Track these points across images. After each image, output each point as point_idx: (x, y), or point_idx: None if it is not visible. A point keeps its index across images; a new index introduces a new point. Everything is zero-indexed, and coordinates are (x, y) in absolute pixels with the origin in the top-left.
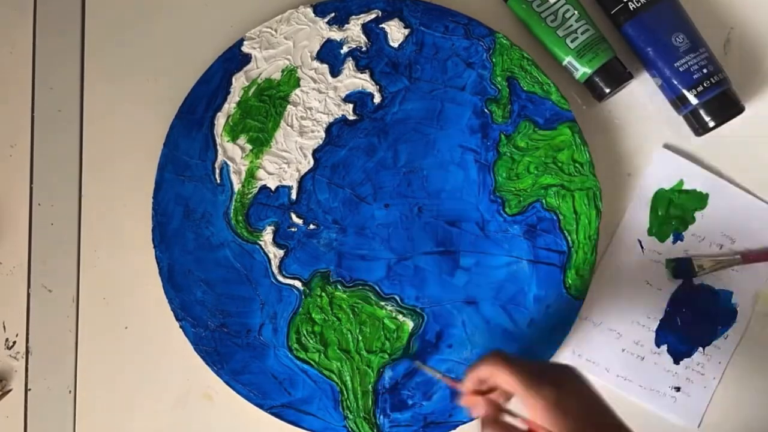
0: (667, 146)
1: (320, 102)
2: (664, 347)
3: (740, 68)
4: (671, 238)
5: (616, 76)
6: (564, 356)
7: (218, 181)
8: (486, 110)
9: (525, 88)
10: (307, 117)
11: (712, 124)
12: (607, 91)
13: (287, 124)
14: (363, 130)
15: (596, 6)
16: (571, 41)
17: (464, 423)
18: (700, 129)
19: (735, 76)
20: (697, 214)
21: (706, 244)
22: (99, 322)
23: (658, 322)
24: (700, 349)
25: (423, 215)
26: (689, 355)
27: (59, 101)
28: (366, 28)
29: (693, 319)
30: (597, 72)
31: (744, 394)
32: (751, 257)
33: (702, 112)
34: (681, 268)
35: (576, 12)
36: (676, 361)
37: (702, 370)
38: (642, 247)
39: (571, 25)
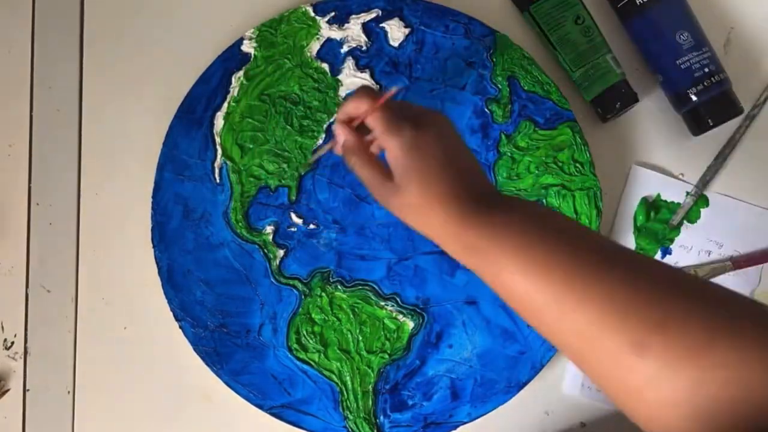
0: (638, 163)
1: (320, 101)
2: None
3: (740, 68)
4: (659, 253)
5: (621, 99)
6: (574, 388)
7: (218, 181)
8: (486, 110)
9: (525, 88)
10: (307, 116)
11: (711, 123)
12: (612, 114)
13: (287, 124)
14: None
15: (603, 0)
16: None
17: (464, 423)
18: (698, 128)
19: (734, 77)
20: (682, 225)
21: (695, 253)
22: (98, 323)
23: None
24: None
25: None
26: None
27: (58, 100)
28: (366, 27)
29: None
30: (602, 94)
31: None
32: (741, 263)
33: (701, 111)
34: None
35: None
36: None
37: None
38: None
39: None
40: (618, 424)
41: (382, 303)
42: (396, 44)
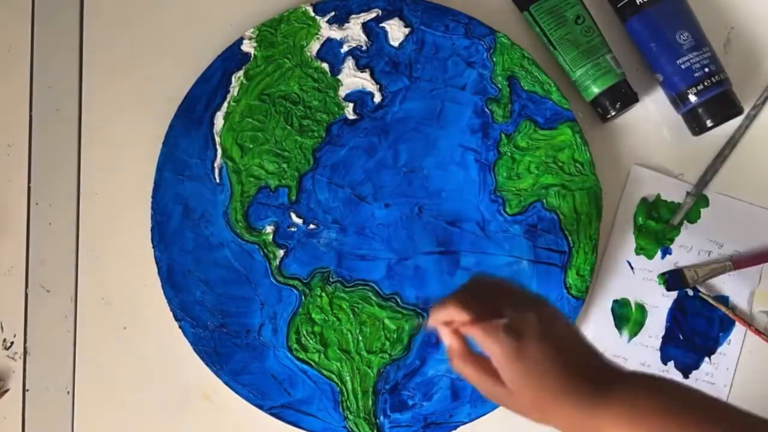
0: (639, 163)
1: (320, 101)
2: (671, 363)
3: (740, 68)
4: (659, 253)
5: (621, 99)
6: None
7: (217, 181)
8: (486, 110)
9: (525, 88)
10: (307, 116)
11: (710, 123)
12: (612, 114)
13: (287, 124)
14: (363, 129)
15: (603, 0)
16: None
17: (465, 423)
18: (697, 128)
19: (734, 77)
20: (682, 225)
21: (695, 253)
22: (97, 323)
23: (661, 340)
24: (707, 358)
25: (423, 215)
26: (697, 367)
27: (57, 100)
28: (366, 27)
29: (694, 329)
30: (602, 94)
31: (756, 394)
32: (741, 263)
33: (701, 111)
34: (674, 280)
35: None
36: (686, 375)
37: (712, 380)
38: (632, 268)
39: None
40: None
41: (383, 303)
42: (396, 44)
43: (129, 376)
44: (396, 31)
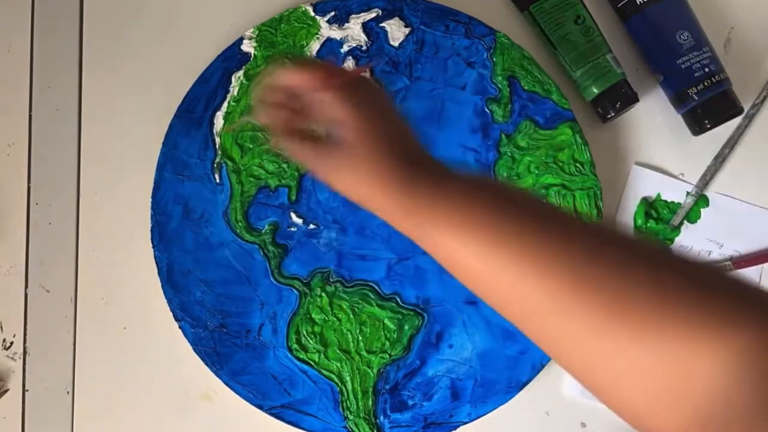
0: (639, 163)
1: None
2: None
3: (740, 68)
4: None
5: (621, 99)
6: (575, 389)
7: (217, 181)
8: (486, 110)
9: (526, 88)
10: None
11: (710, 123)
12: (612, 114)
13: None
14: None
15: (603, 0)
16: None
17: (465, 423)
18: (697, 128)
19: (734, 77)
20: (683, 225)
21: (695, 253)
22: (97, 323)
23: None
24: None
25: None
26: None
27: (57, 100)
28: (366, 26)
29: None
30: (602, 94)
31: None
32: (741, 263)
33: (701, 111)
34: None
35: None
36: None
37: None
38: None
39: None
40: (618, 425)
41: (383, 303)
42: (396, 44)
43: (129, 376)
44: (396, 31)
